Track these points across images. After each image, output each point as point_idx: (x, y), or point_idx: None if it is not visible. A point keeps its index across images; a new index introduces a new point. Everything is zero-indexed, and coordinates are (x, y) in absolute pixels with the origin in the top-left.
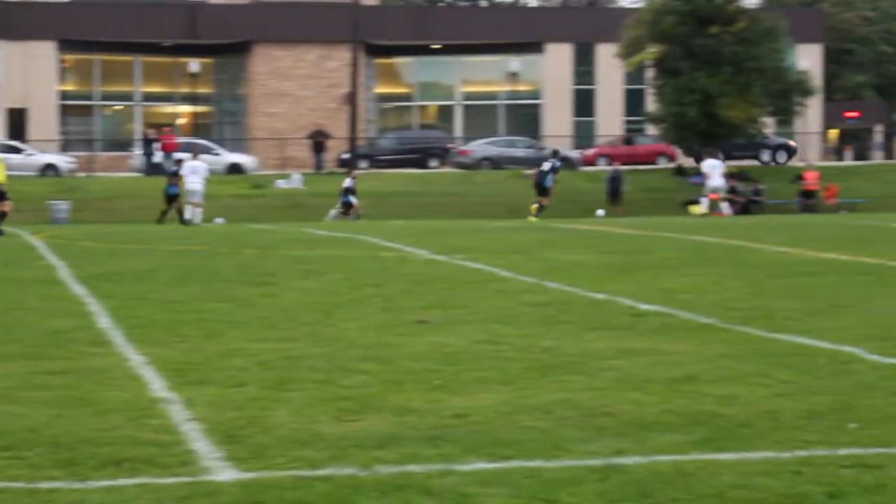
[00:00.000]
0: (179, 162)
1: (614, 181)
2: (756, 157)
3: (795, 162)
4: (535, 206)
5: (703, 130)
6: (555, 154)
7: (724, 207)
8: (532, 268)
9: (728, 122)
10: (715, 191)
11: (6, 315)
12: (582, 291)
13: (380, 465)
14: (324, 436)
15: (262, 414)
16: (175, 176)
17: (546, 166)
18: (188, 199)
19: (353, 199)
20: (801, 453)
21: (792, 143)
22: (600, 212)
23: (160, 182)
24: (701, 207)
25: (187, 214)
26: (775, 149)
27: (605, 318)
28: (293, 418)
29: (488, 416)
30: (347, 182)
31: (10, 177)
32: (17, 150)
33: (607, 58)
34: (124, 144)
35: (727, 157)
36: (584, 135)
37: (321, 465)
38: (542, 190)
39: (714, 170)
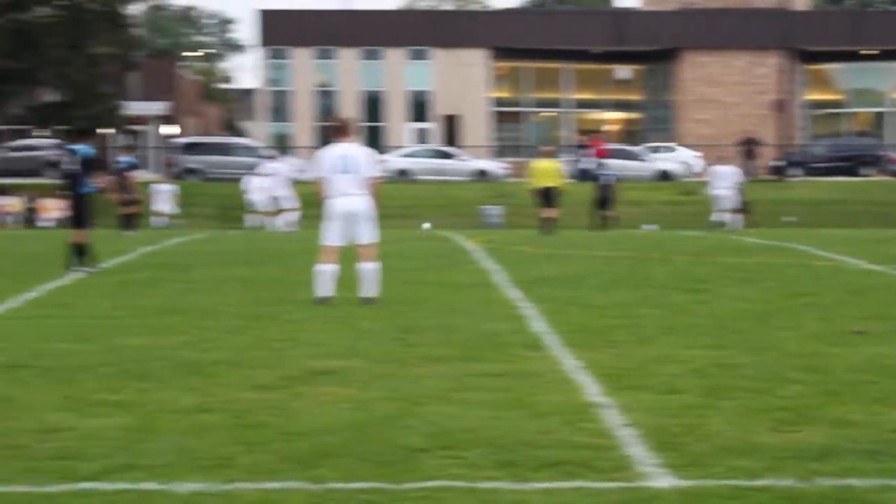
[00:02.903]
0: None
1: None
2: None
3: None
4: None
5: None
6: None
7: None
8: None
9: None
10: None
11: (442, 318)
12: None
13: (818, 477)
14: (761, 446)
15: (697, 422)
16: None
17: None
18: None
19: None
20: None
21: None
22: None
23: (589, 188)
24: None
25: (721, 218)
26: None
27: None
28: (729, 427)
29: None
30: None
31: (442, 182)
32: (448, 156)
33: None
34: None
35: None
36: None
37: (759, 475)
38: None
39: None
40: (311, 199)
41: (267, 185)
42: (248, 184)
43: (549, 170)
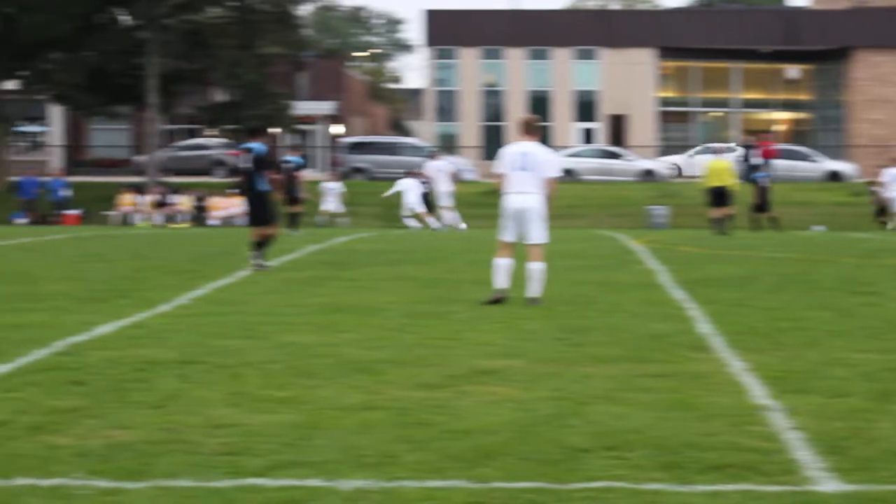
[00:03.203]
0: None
1: None
2: None
3: None
4: None
5: None
6: None
7: None
8: None
9: None
10: None
11: (608, 318)
12: None
13: None
14: None
15: (866, 425)
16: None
17: None
18: None
19: None
20: None
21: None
22: None
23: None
24: None
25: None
26: None
27: None
28: None
29: None
30: None
31: (608, 181)
32: (615, 156)
33: None
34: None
35: None
36: None
37: None
38: None
39: None
40: (473, 199)
41: (420, 185)
42: (402, 185)
43: (722, 169)
